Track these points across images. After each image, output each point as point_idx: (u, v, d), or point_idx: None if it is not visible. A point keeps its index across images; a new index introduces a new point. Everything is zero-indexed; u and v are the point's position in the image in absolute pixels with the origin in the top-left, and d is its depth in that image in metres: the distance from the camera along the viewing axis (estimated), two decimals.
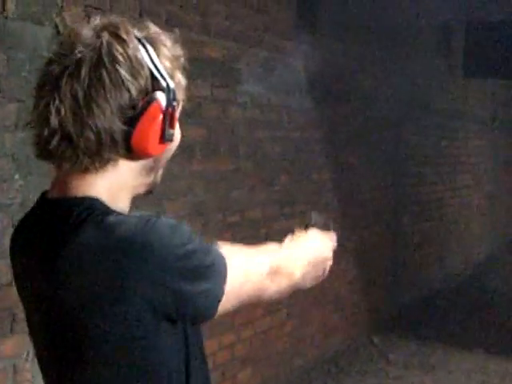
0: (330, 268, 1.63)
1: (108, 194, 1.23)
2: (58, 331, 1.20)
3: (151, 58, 1.21)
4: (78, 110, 1.16)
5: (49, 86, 1.18)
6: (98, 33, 1.20)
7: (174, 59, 1.27)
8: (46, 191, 1.31)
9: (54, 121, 1.16)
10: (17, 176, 2.77)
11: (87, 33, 1.20)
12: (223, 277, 1.24)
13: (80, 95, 1.16)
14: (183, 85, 1.30)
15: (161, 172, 1.35)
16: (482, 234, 10.10)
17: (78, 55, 1.17)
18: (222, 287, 1.23)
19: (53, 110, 1.16)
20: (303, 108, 5.05)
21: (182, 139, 1.33)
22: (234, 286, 1.27)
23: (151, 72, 1.21)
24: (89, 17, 3.09)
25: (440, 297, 7.87)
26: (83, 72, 1.16)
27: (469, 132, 9.26)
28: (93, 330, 1.16)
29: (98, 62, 1.17)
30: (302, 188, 5.14)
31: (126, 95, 1.18)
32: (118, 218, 1.17)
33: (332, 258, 1.64)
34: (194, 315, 1.24)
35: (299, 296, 5.15)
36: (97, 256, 1.14)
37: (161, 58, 1.23)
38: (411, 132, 7.23)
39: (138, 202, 1.35)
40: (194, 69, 1.31)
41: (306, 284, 1.56)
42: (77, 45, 1.18)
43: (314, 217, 1.71)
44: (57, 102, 1.16)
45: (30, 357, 2.77)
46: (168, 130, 1.24)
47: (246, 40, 4.35)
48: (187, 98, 1.34)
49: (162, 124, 1.22)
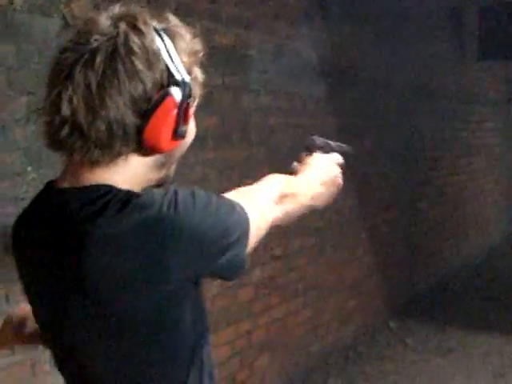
0: (341, 181, 1.68)
1: (119, 187, 1.21)
2: (88, 316, 1.18)
3: (168, 51, 1.18)
4: (91, 99, 1.14)
5: (62, 75, 1.15)
6: (115, 22, 1.18)
7: (192, 54, 1.24)
8: (51, 182, 1.29)
9: (66, 110, 1.14)
10: (29, 169, 2.77)
11: (104, 22, 1.18)
12: (246, 233, 1.25)
13: (93, 85, 1.13)
14: (200, 80, 1.28)
15: (173, 167, 1.33)
16: (498, 218, 10.04)
17: (94, 44, 1.15)
18: (247, 244, 1.25)
19: (65, 99, 1.14)
20: (316, 95, 5.03)
21: (196, 117, 1.31)
22: (255, 232, 1.29)
23: (167, 65, 1.18)
24: (98, 8, 3.09)
25: (456, 281, 7.84)
26: (98, 61, 1.14)
27: (483, 115, 9.19)
28: (127, 310, 1.15)
29: (113, 52, 1.14)
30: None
31: (140, 87, 1.15)
32: (140, 198, 1.15)
33: (341, 174, 1.68)
34: (224, 278, 1.29)
35: (315, 283, 5.15)
36: (126, 238, 1.12)
37: (179, 51, 1.20)
38: (425, 116, 7.17)
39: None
40: (205, 57, 1.29)
41: (322, 203, 1.62)
42: (93, 33, 1.16)
43: (314, 140, 1.74)
44: (69, 91, 1.14)
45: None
46: (181, 126, 1.21)
47: (256, 27, 4.32)
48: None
49: (176, 119, 1.20)
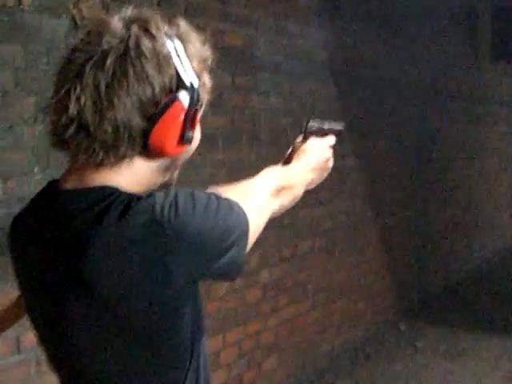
0: (331, 163, 1.78)
1: (122, 189, 1.21)
2: (87, 318, 1.18)
3: (179, 56, 1.19)
4: (99, 100, 1.14)
5: (71, 74, 1.16)
6: (127, 25, 1.18)
7: (202, 60, 1.25)
8: (53, 182, 1.29)
9: (73, 109, 1.14)
10: (36, 169, 2.78)
11: (116, 24, 1.18)
12: (246, 233, 1.25)
13: (102, 86, 1.14)
14: (209, 87, 1.29)
15: (177, 172, 1.33)
16: (510, 220, 9.98)
17: (105, 45, 1.15)
18: (246, 244, 1.25)
19: (73, 98, 1.14)
20: (326, 95, 5.01)
21: (204, 128, 1.32)
22: (254, 230, 1.29)
23: (177, 70, 1.19)
24: (107, 9, 3.09)
25: (467, 283, 7.80)
26: (108, 63, 1.14)
27: (496, 117, 9.13)
28: (127, 313, 1.14)
29: (124, 54, 1.15)
30: (327, 175, 5.10)
31: (149, 91, 1.16)
32: (142, 201, 1.15)
33: (332, 156, 1.77)
34: (224, 278, 1.29)
35: (324, 284, 5.14)
36: (128, 242, 1.12)
37: (189, 57, 1.21)
38: (437, 118, 7.14)
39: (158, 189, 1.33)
40: (215, 57, 1.29)
41: (313, 185, 1.72)
42: (104, 35, 1.16)
43: (308, 126, 1.77)
44: (78, 91, 1.14)
45: None
46: (188, 132, 1.22)
47: (267, 27, 4.31)
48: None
49: (183, 125, 1.21)
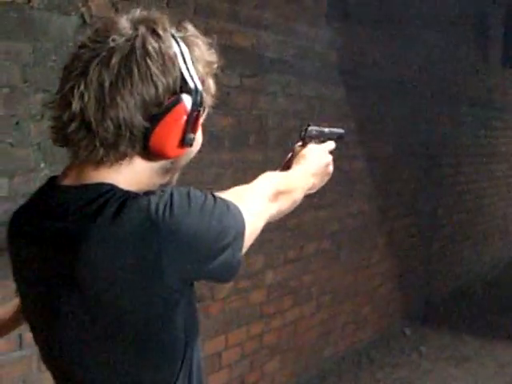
0: (332, 168, 1.78)
1: (120, 187, 1.21)
2: (80, 315, 1.18)
3: (184, 58, 1.20)
4: (102, 98, 1.15)
5: (76, 71, 1.16)
6: (135, 25, 1.19)
7: (207, 64, 1.25)
8: (53, 178, 1.29)
9: (76, 106, 1.15)
10: (42, 165, 2.79)
11: (124, 24, 1.19)
12: (242, 235, 1.24)
13: (106, 84, 1.14)
14: (212, 91, 1.29)
15: (177, 175, 1.33)
16: None
17: (111, 44, 1.16)
18: (242, 246, 1.24)
19: (76, 94, 1.15)
20: (334, 97, 5.01)
21: (210, 128, 1.32)
22: (250, 233, 1.28)
23: (182, 72, 1.19)
24: (116, 7, 3.10)
25: (474, 289, 7.78)
26: (113, 61, 1.15)
27: (506, 122, 9.11)
28: (121, 311, 1.14)
29: (129, 53, 1.16)
30: (333, 178, 5.08)
31: (153, 91, 1.16)
32: (137, 200, 1.15)
33: (332, 161, 1.77)
34: (219, 280, 1.28)
35: (329, 287, 5.13)
36: (122, 240, 1.12)
37: (194, 60, 1.21)
38: (447, 122, 7.13)
39: None
40: (223, 58, 1.29)
41: (314, 190, 1.72)
42: (111, 34, 1.17)
43: (308, 131, 1.77)
44: (82, 87, 1.15)
45: None
46: (189, 134, 1.22)
47: (276, 28, 4.31)
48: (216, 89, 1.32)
49: (185, 127, 1.21)
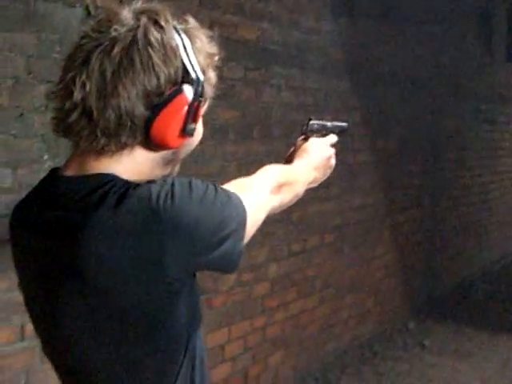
0: (334, 161, 1.78)
1: (121, 177, 1.21)
2: (82, 306, 1.18)
3: (186, 49, 1.20)
4: (104, 87, 1.15)
5: (78, 60, 1.17)
6: (137, 16, 1.20)
7: (208, 56, 1.26)
8: (55, 169, 1.30)
9: (78, 95, 1.15)
10: (46, 157, 2.80)
11: (126, 14, 1.20)
12: (243, 225, 1.25)
13: (108, 73, 1.15)
14: (213, 83, 1.29)
15: (178, 166, 1.33)
16: None
17: (113, 33, 1.16)
18: (243, 236, 1.25)
19: (78, 83, 1.15)
20: (339, 90, 5.00)
21: (214, 121, 1.32)
22: (252, 223, 1.29)
23: (183, 63, 1.20)
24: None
25: (478, 283, 7.78)
26: (115, 51, 1.15)
27: (510, 116, 9.10)
28: (122, 301, 1.14)
29: (131, 43, 1.16)
30: (337, 171, 5.07)
31: (154, 81, 1.17)
32: (138, 189, 1.15)
33: (334, 154, 1.78)
34: (221, 270, 1.28)
35: (333, 280, 5.13)
36: (123, 229, 1.12)
37: (195, 51, 1.22)
38: (451, 116, 7.12)
39: None
40: (228, 50, 1.30)
41: (316, 184, 1.73)
42: (114, 24, 1.18)
43: (310, 125, 1.77)
44: (83, 77, 1.15)
45: None
46: (190, 124, 1.23)
47: (280, 21, 4.31)
48: (220, 81, 1.32)
49: (186, 117, 1.21)
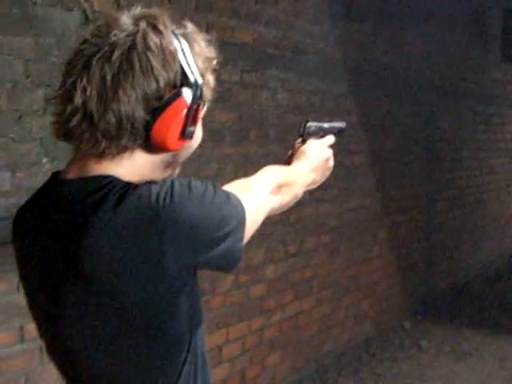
0: (332, 162, 1.82)
1: (124, 179, 1.23)
2: (84, 305, 1.19)
3: (184, 53, 1.22)
4: (104, 92, 1.17)
5: (79, 65, 1.19)
6: (136, 21, 1.22)
7: (207, 60, 1.28)
8: (57, 173, 1.31)
9: (78, 99, 1.17)
10: (44, 160, 2.81)
11: (125, 20, 1.22)
12: (242, 224, 1.26)
13: (108, 77, 1.17)
14: (212, 86, 1.31)
15: (178, 170, 1.35)
16: None
17: (113, 38, 1.18)
18: (243, 235, 1.27)
19: (79, 88, 1.17)
20: (335, 92, 5.02)
21: (211, 123, 1.34)
22: (251, 223, 1.30)
23: (182, 67, 1.22)
24: (118, 3, 3.11)
25: (474, 284, 7.80)
26: (115, 55, 1.17)
27: (505, 117, 9.13)
28: (124, 300, 1.16)
29: (131, 47, 1.18)
30: (334, 172, 5.08)
31: (154, 85, 1.19)
32: (138, 189, 1.17)
33: (332, 155, 1.81)
34: (221, 268, 1.30)
35: (330, 281, 5.15)
36: (124, 228, 1.14)
37: (194, 56, 1.24)
38: (446, 117, 7.14)
39: None
40: (224, 53, 1.32)
41: (315, 186, 1.77)
42: (113, 29, 1.20)
43: (307, 128, 1.79)
44: (84, 81, 1.17)
45: None
46: (189, 127, 1.25)
47: (276, 24, 4.33)
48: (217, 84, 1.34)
49: (185, 120, 1.24)
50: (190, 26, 1.29)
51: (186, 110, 1.23)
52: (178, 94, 1.21)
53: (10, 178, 2.73)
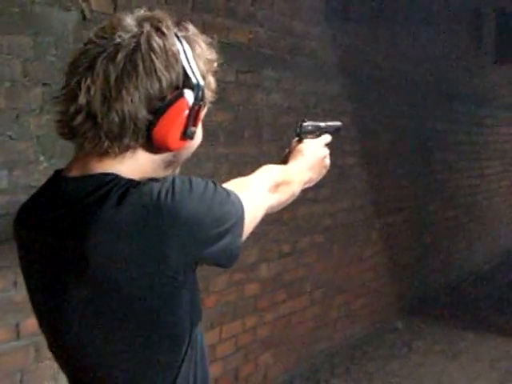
0: (329, 161, 1.83)
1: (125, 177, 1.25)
2: (87, 301, 1.21)
3: (186, 55, 1.25)
4: (108, 91, 1.19)
5: (83, 65, 1.21)
6: (139, 23, 1.24)
7: (208, 62, 1.30)
8: (59, 171, 1.33)
9: (82, 99, 1.19)
10: (41, 158, 2.83)
11: (130, 22, 1.24)
12: (241, 221, 1.29)
13: (112, 78, 1.19)
14: (213, 88, 1.34)
15: (179, 169, 1.38)
16: (511, 222, 10.01)
17: (118, 40, 1.21)
18: (242, 232, 1.29)
19: (83, 88, 1.19)
20: (329, 93, 5.04)
21: (206, 123, 1.37)
22: (249, 220, 1.33)
23: (184, 68, 1.24)
24: (115, 3, 3.13)
25: (466, 284, 7.83)
26: (119, 56, 1.20)
27: (498, 119, 9.16)
28: (127, 296, 1.18)
29: (135, 49, 1.21)
30: (328, 172, 5.12)
31: (157, 85, 1.21)
32: (140, 186, 1.20)
33: (328, 154, 1.82)
34: (220, 264, 1.31)
35: (323, 281, 5.18)
36: (126, 225, 1.16)
37: (196, 57, 1.27)
38: (439, 118, 7.17)
39: None
40: (220, 54, 1.35)
41: (312, 184, 1.79)
42: (118, 30, 1.22)
43: (304, 127, 1.81)
44: (88, 81, 1.19)
45: None
46: (190, 127, 1.27)
47: (272, 25, 4.35)
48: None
49: (186, 120, 1.26)
50: (192, 29, 1.31)
51: (187, 111, 1.26)
52: (180, 95, 1.24)
53: (7, 176, 2.74)
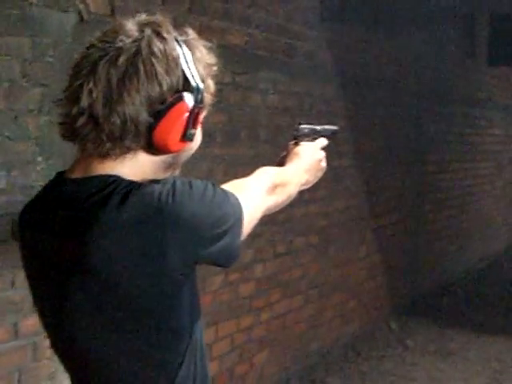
0: (325, 163, 1.85)
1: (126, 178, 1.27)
2: (89, 301, 1.23)
3: (186, 59, 1.28)
4: (110, 94, 1.22)
5: (86, 69, 1.24)
6: (141, 28, 1.27)
7: (207, 66, 1.33)
8: (61, 172, 1.36)
9: (85, 101, 1.22)
10: (39, 159, 2.84)
11: (131, 26, 1.27)
12: (240, 222, 1.32)
13: (114, 81, 1.22)
14: (212, 91, 1.37)
15: (179, 171, 1.40)
16: (504, 223, 10.05)
17: (119, 44, 1.24)
18: (240, 233, 1.32)
19: (85, 91, 1.22)
20: (324, 95, 5.07)
21: (203, 124, 1.39)
22: (248, 221, 1.36)
23: (184, 72, 1.27)
24: (112, 5, 3.15)
25: (459, 284, 7.87)
26: (121, 60, 1.23)
27: (492, 120, 9.20)
28: (128, 295, 1.21)
29: (136, 53, 1.23)
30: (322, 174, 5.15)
31: (157, 89, 1.24)
32: (141, 188, 1.22)
33: (324, 157, 1.84)
34: (219, 264, 1.34)
35: (318, 281, 5.20)
36: (128, 226, 1.18)
37: (195, 61, 1.29)
38: (433, 120, 7.21)
39: None
40: (216, 55, 1.38)
41: (308, 186, 1.81)
42: (119, 35, 1.25)
43: (300, 130, 1.83)
44: (91, 84, 1.22)
45: None
46: (190, 130, 1.30)
47: (268, 27, 4.38)
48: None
49: (186, 122, 1.29)
50: (192, 33, 1.34)
51: (187, 114, 1.28)
52: (180, 98, 1.27)
53: (5, 177, 2.75)
